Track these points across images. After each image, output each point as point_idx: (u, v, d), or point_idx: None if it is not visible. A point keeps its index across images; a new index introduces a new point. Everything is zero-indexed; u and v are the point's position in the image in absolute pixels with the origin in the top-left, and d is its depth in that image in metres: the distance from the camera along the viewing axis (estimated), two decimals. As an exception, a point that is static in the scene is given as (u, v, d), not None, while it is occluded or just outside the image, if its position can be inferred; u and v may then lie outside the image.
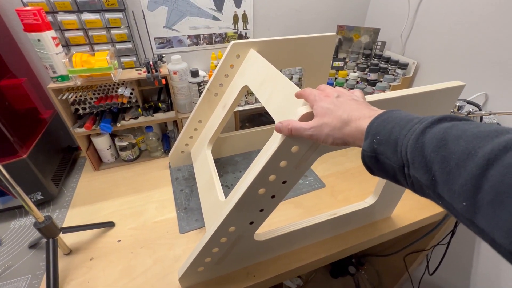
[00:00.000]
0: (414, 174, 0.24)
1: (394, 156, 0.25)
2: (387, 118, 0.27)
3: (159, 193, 0.75)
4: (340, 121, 0.31)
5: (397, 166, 0.25)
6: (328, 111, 0.32)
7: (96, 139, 0.80)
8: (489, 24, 0.67)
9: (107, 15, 0.67)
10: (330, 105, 0.33)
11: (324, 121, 0.32)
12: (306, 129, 0.33)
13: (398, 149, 0.25)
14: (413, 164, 0.24)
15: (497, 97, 0.67)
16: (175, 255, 0.59)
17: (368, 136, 0.28)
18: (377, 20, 1.04)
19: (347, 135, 0.31)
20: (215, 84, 0.69)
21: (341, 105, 0.32)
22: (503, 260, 0.72)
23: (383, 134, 0.26)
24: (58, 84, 0.66)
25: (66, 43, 0.69)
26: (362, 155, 0.29)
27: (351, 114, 0.31)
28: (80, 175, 0.83)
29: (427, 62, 0.85)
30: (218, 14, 0.85)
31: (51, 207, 0.72)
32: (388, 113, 0.28)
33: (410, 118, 0.26)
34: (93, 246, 0.61)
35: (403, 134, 0.25)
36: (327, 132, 0.32)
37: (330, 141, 0.32)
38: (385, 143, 0.26)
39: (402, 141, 0.25)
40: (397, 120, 0.26)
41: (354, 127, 0.30)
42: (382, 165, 0.27)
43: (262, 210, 0.45)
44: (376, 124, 0.28)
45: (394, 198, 0.64)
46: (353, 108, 0.31)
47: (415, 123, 0.25)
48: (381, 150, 0.27)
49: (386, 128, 0.27)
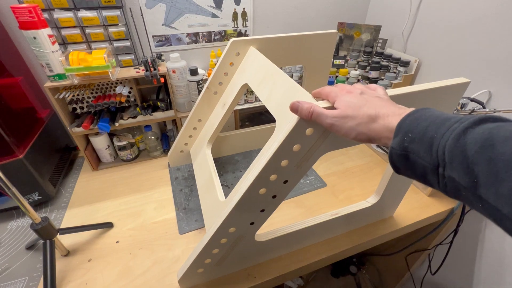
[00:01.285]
0: (451, 174, 0.23)
1: (428, 155, 0.24)
2: (420, 116, 0.27)
3: (158, 193, 0.74)
4: (367, 117, 0.30)
5: (430, 166, 0.24)
6: (353, 105, 0.31)
7: (94, 138, 0.79)
8: (492, 20, 0.66)
9: (104, 12, 0.66)
10: (355, 99, 0.32)
11: (349, 114, 0.31)
12: (328, 117, 0.32)
13: (434, 148, 0.24)
14: (451, 164, 0.23)
15: (501, 94, 0.66)
16: (175, 256, 0.58)
17: (399, 133, 0.27)
18: (378, 17, 1.03)
19: (373, 131, 0.30)
20: (215, 83, 0.68)
21: (366, 101, 0.31)
22: (507, 260, 0.71)
23: (417, 132, 0.25)
24: (54, 83, 0.65)
25: (63, 41, 0.68)
26: (390, 152, 0.28)
27: (378, 111, 0.30)
28: (78, 175, 0.82)
29: (429, 60, 0.84)
30: (217, 11, 0.84)
31: (49, 208, 0.71)
32: (421, 111, 0.27)
33: (447, 117, 0.25)
34: (91, 247, 0.60)
35: (441, 133, 0.24)
36: (351, 126, 0.31)
37: (352, 136, 0.31)
38: (419, 142, 0.25)
39: (439, 140, 0.24)
40: (432, 118, 0.26)
41: (381, 123, 0.29)
42: (412, 164, 0.26)
43: (263, 211, 0.44)
44: (408, 122, 0.27)
45: (396, 197, 0.63)
46: (380, 104, 0.31)
47: (454, 122, 0.24)
48: (413, 149, 0.26)
49: (420, 126, 0.26)
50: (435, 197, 0.73)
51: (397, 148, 0.27)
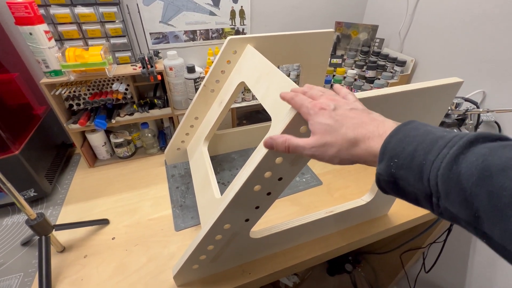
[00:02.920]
0: (447, 207, 0.21)
1: (419, 183, 0.23)
2: (404, 138, 0.24)
3: (154, 190, 0.74)
4: (346, 141, 0.28)
5: (423, 194, 0.23)
6: (328, 129, 0.29)
7: (90, 135, 0.79)
8: (487, 21, 0.66)
9: (101, 8, 0.66)
10: (329, 120, 0.29)
11: (327, 141, 0.29)
12: (306, 148, 0.31)
13: (425, 176, 0.22)
14: (447, 197, 0.21)
15: (495, 94, 0.67)
16: (170, 253, 0.58)
17: (383, 158, 0.25)
18: (375, 17, 1.03)
19: (355, 156, 0.28)
20: (212, 80, 0.68)
21: (342, 120, 0.29)
22: (499, 259, 0.72)
23: (403, 157, 0.23)
24: (51, 79, 0.65)
25: (59, 37, 0.68)
26: (377, 178, 0.26)
27: (357, 132, 0.28)
28: (74, 172, 0.81)
29: (425, 60, 0.84)
30: (215, 9, 0.84)
31: (45, 204, 0.71)
32: (402, 129, 0.25)
33: (433, 137, 0.23)
34: (87, 243, 0.60)
35: (430, 160, 0.22)
36: (332, 154, 0.29)
37: (336, 162, 0.30)
38: (406, 169, 0.23)
39: (429, 167, 0.22)
40: (417, 140, 0.23)
41: (363, 148, 0.27)
42: (402, 190, 0.24)
43: (258, 207, 0.45)
44: (392, 145, 0.25)
45: (391, 196, 0.64)
46: (357, 123, 0.28)
47: (443, 147, 0.22)
48: (401, 175, 0.24)
49: (405, 150, 0.24)
50: (429, 196, 0.73)
51: (384, 174, 0.25)
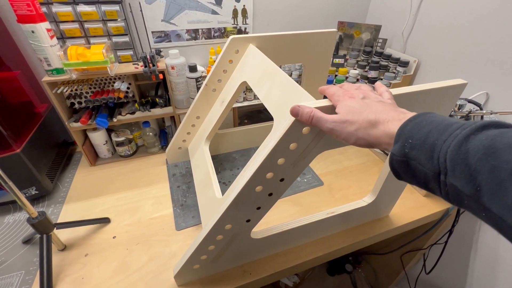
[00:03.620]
0: (453, 182, 0.22)
1: (429, 163, 0.24)
2: (421, 122, 0.26)
3: (155, 190, 0.74)
4: (366, 122, 0.30)
5: (432, 173, 0.24)
6: (353, 110, 0.31)
7: (92, 134, 0.79)
8: (491, 22, 0.66)
9: (103, 7, 0.66)
10: (356, 104, 0.32)
11: (348, 119, 0.31)
12: (328, 121, 0.32)
13: (435, 155, 0.23)
14: (453, 172, 0.22)
15: (498, 96, 0.67)
16: (171, 252, 0.58)
17: (399, 139, 0.27)
18: (378, 17, 1.03)
19: (372, 137, 0.30)
20: (213, 80, 0.68)
21: (367, 106, 0.31)
22: (500, 262, 0.72)
23: (417, 138, 0.25)
24: (53, 77, 0.64)
25: (61, 35, 0.67)
26: (390, 159, 0.28)
27: (378, 116, 0.30)
28: (75, 170, 0.82)
29: (428, 60, 0.84)
30: (217, 8, 0.83)
31: (46, 203, 0.71)
32: (422, 116, 0.27)
33: (449, 122, 0.24)
34: (88, 242, 0.60)
35: (442, 139, 0.23)
36: (351, 131, 0.31)
37: (352, 141, 0.31)
38: (419, 148, 0.25)
39: (440, 146, 0.23)
40: (434, 124, 0.25)
41: (381, 129, 0.29)
42: (413, 171, 0.26)
43: (259, 208, 0.45)
44: (409, 128, 0.26)
45: (392, 197, 0.63)
46: (380, 109, 0.30)
47: (456, 129, 0.23)
48: (414, 155, 0.25)
49: (420, 132, 0.25)
50: (430, 197, 0.73)
51: (397, 154, 0.27)
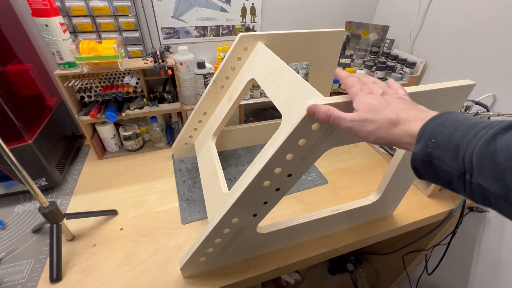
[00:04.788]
0: (480, 182, 0.22)
1: (453, 162, 0.24)
2: (444, 122, 0.26)
3: (161, 184, 0.76)
4: (387, 121, 0.30)
5: (457, 173, 0.24)
6: (373, 108, 0.31)
7: (100, 127, 0.81)
8: (499, 25, 0.66)
9: (115, 2, 0.67)
10: (375, 101, 0.31)
11: (368, 117, 0.31)
12: (346, 120, 0.32)
13: (460, 154, 0.23)
14: (481, 171, 0.22)
15: (505, 98, 0.67)
16: (177, 245, 0.59)
17: (421, 139, 0.26)
18: (386, 17, 1.03)
19: (393, 136, 0.29)
20: (222, 77, 0.69)
21: (387, 103, 0.31)
22: (503, 264, 0.72)
23: (441, 138, 0.25)
24: (64, 71, 0.66)
25: (74, 30, 0.68)
26: (412, 158, 0.28)
27: (399, 115, 0.29)
28: (83, 163, 0.83)
29: (435, 62, 0.84)
30: (227, 6, 0.84)
31: (55, 194, 0.73)
32: (444, 115, 0.27)
33: (474, 122, 0.24)
34: (96, 233, 0.62)
35: (467, 139, 0.23)
36: (371, 130, 0.31)
37: (372, 139, 0.31)
38: (443, 148, 0.25)
39: (465, 146, 0.23)
40: (457, 123, 0.25)
41: (402, 129, 0.29)
42: (436, 170, 0.26)
43: (266, 203, 0.45)
44: (431, 127, 0.26)
45: (397, 196, 0.64)
46: (401, 108, 0.30)
47: (482, 128, 0.23)
48: (437, 155, 0.25)
49: (444, 131, 0.25)
50: (434, 198, 0.74)
51: (420, 154, 0.26)
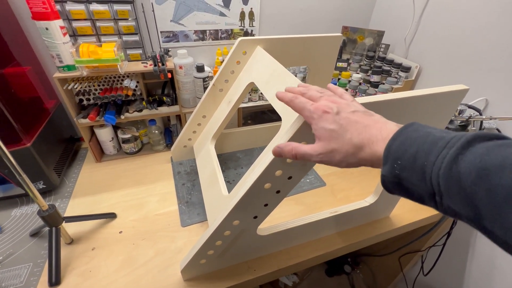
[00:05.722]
0: (449, 205, 0.22)
1: (422, 183, 0.24)
2: (405, 140, 0.25)
3: (160, 186, 0.76)
4: (352, 147, 0.29)
5: (427, 194, 0.24)
6: (334, 134, 0.30)
7: (99, 130, 0.80)
8: (492, 31, 0.68)
9: (115, 6, 0.67)
10: (333, 125, 0.30)
11: (333, 147, 0.30)
12: (313, 156, 0.32)
13: (427, 177, 0.23)
14: (449, 195, 0.22)
15: (497, 102, 0.69)
16: (177, 248, 0.60)
17: (388, 161, 0.26)
18: (381, 22, 1.05)
19: (362, 159, 0.29)
20: (221, 80, 0.70)
21: (346, 125, 0.30)
22: (497, 264, 0.73)
23: (406, 159, 0.25)
24: (64, 74, 0.66)
25: (73, 33, 0.69)
26: (382, 179, 0.27)
27: (361, 137, 0.29)
28: (81, 166, 0.83)
29: (429, 66, 0.86)
30: (225, 10, 0.85)
31: (53, 197, 0.72)
32: (404, 132, 0.26)
33: (433, 139, 0.24)
34: (95, 236, 0.61)
35: (431, 161, 0.23)
36: (339, 159, 0.30)
37: (343, 166, 0.31)
38: (410, 170, 0.24)
39: (431, 168, 0.23)
40: (418, 141, 0.25)
41: (368, 152, 0.28)
42: (406, 190, 0.26)
43: (267, 205, 0.46)
44: (394, 148, 0.26)
45: (393, 198, 0.65)
46: (360, 127, 0.29)
47: (442, 147, 0.23)
48: (405, 176, 0.25)
49: (407, 152, 0.25)
50: (430, 199, 0.75)
51: (388, 176, 0.26)
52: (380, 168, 0.28)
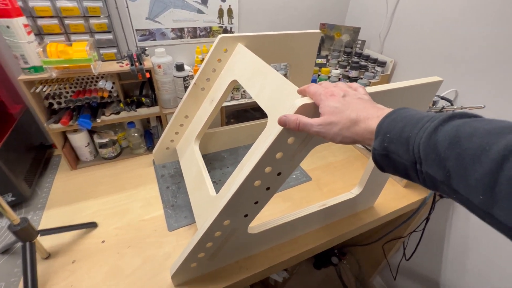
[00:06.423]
0: (427, 170, 0.25)
1: (406, 154, 0.26)
2: (397, 117, 0.28)
3: (144, 191, 0.73)
4: (349, 121, 0.32)
5: (409, 164, 0.26)
6: (336, 110, 0.33)
7: (72, 135, 0.75)
8: (457, 24, 0.72)
9: (85, 3, 0.63)
10: (337, 104, 0.33)
11: (332, 120, 0.33)
12: (314, 126, 0.34)
13: (410, 147, 0.26)
14: (426, 161, 0.24)
15: (466, 93, 0.73)
16: (165, 253, 0.58)
17: (379, 135, 0.29)
18: (357, 19, 1.08)
19: (356, 134, 0.31)
20: (202, 79, 0.68)
21: (348, 104, 0.33)
22: (470, 243, 0.78)
23: (394, 133, 0.27)
24: (30, 76, 0.61)
25: (39, 32, 0.64)
26: (372, 153, 0.30)
27: (359, 114, 0.31)
28: (55, 175, 0.77)
29: (403, 61, 0.90)
30: (203, 7, 0.83)
31: (24, 210, 0.67)
32: (397, 111, 0.29)
33: (420, 116, 0.27)
34: (75, 248, 0.58)
35: (415, 132, 0.26)
36: (336, 131, 0.32)
37: (338, 140, 0.33)
38: (396, 142, 0.27)
39: (414, 139, 0.25)
40: (407, 118, 0.27)
41: (363, 127, 0.31)
42: (394, 163, 0.28)
43: (257, 203, 0.46)
44: (386, 123, 0.28)
45: (377, 188, 0.68)
46: (360, 107, 0.32)
47: (426, 121, 0.26)
48: (392, 149, 0.27)
49: (396, 127, 0.27)
50: (409, 188, 0.79)
51: (378, 149, 0.29)
52: (369, 144, 0.31)
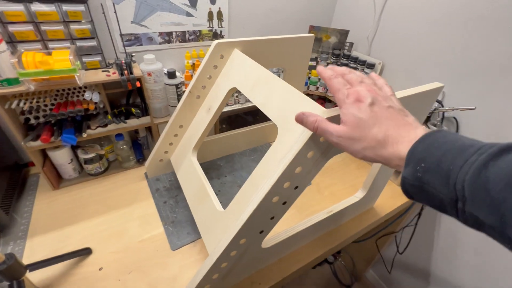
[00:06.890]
0: (473, 212, 0.21)
1: (445, 188, 0.23)
2: (433, 143, 0.25)
3: (139, 208, 0.68)
4: (375, 141, 0.28)
5: (448, 200, 0.23)
6: (360, 123, 0.29)
7: (53, 152, 0.68)
8: (443, 27, 0.75)
9: (64, 6, 0.57)
10: (363, 114, 0.29)
11: (355, 136, 0.29)
12: (333, 136, 0.31)
13: (451, 181, 0.22)
14: (473, 201, 0.21)
15: (453, 94, 0.77)
16: (171, 275, 0.54)
17: (410, 162, 0.25)
18: (343, 21, 1.10)
19: (381, 157, 0.28)
20: (198, 86, 0.65)
21: (376, 118, 0.29)
22: (458, 236, 0.82)
23: (431, 162, 0.24)
24: (3, 90, 0.53)
25: (10, 39, 0.56)
26: (402, 182, 0.26)
27: (387, 134, 0.28)
28: (34, 197, 0.69)
29: (391, 62, 0.93)
30: (192, 10, 0.79)
31: (1, 240, 0.59)
32: (433, 136, 0.26)
33: (463, 144, 0.23)
34: (69, 279, 0.52)
35: (458, 165, 0.22)
36: (357, 149, 0.29)
37: (359, 157, 0.30)
38: (433, 173, 0.24)
39: (456, 173, 0.22)
40: (447, 146, 0.24)
41: (390, 151, 0.27)
42: (427, 195, 0.25)
43: (273, 218, 0.44)
44: (420, 150, 0.25)
45: (378, 190, 0.69)
46: (390, 124, 0.28)
47: (472, 153, 0.22)
48: (428, 180, 0.24)
49: (434, 155, 0.24)
50: (404, 186, 0.81)
51: (410, 178, 0.25)
52: (396, 169, 0.28)
